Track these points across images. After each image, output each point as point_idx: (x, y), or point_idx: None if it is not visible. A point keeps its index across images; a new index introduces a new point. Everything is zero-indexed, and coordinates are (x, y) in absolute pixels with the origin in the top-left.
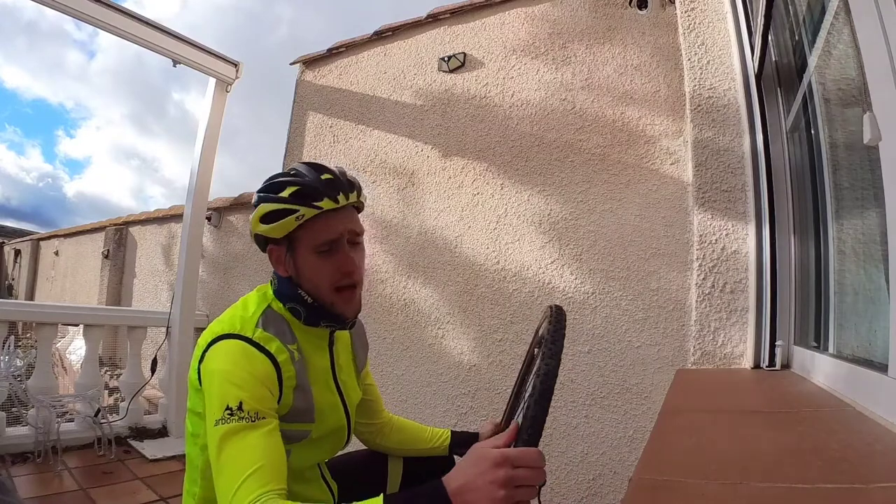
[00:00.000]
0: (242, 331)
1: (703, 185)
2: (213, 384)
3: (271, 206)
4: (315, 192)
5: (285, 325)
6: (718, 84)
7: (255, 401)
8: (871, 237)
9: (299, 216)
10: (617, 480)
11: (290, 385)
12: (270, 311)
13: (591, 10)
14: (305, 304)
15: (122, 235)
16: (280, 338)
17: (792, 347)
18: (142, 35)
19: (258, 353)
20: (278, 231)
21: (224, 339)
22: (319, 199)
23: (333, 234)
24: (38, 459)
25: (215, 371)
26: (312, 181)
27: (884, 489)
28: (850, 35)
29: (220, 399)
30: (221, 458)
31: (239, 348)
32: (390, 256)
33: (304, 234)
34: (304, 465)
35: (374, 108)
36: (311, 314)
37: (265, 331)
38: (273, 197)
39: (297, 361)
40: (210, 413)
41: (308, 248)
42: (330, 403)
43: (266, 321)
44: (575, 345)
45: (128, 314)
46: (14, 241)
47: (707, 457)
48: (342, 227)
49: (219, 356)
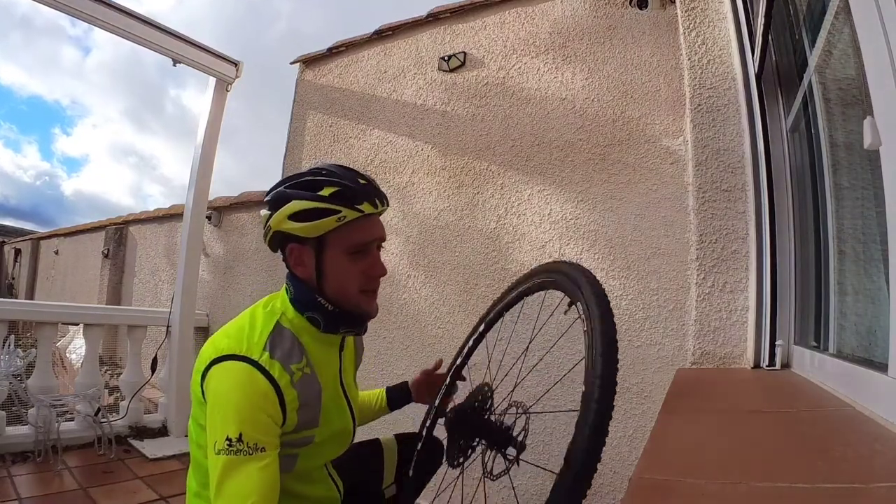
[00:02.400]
0: (249, 352)
1: (703, 184)
2: (217, 408)
3: (308, 205)
4: (356, 194)
5: (294, 341)
6: (719, 83)
7: (256, 432)
8: (871, 237)
9: (341, 217)
10: (617, 480)
11: (294, 407)
12: (279, 329)
13: (591, 10)
14: (325, 311)
15: (122, 235)
16: (285, 361)
17: (792, 347)
18: (142, 34)
19: (262, 380)
20: (313, 230)
21: (229, 359)
22: (360, 203)
23: (369, 237)
24: (39, 459)
25: (220, 394)
26: (353, 184)
27: (884, 489)
28: (850, 35)
29: (222, 426)
30: (219, 486)
31: (245, 373)
32: (390, 256)
33: (338, 235)
34: (311, 466)
35: (374, 107)
36: (330, 322)
37: (272, 355)
38: (310, 195)
39: (301, 380)
40: (212, 434)
41: (340, 250)
42: (337, 406)
43: (273, 342)
44: (575, 344)
45: (128, 313)
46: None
47: (707, 457)
48: (378, 232)
49: (224, 379)
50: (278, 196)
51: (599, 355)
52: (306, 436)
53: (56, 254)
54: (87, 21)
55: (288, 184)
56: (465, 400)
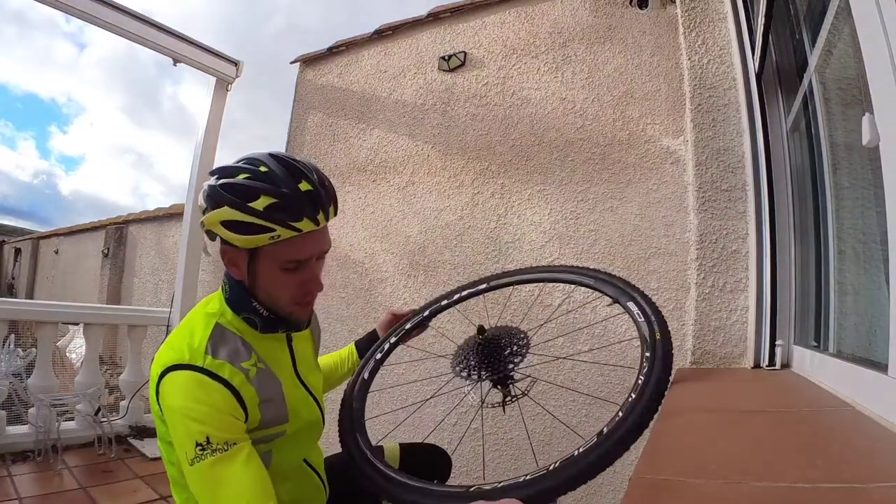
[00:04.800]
0: (192, 359)
1: (703, 184)
2: (176, 422)
3: (240, 217)
4: (295, 209)
5: (238, 340)
6: (719, 83)
7: (222, 431)
8: (871, 237)
9: (274, 236)
10: (617, 479)
11: (254, 403)
12: (219, 330)
13: (591, 9)
14: (259, 315)
15: (122, 234)
16: (233, 359)
17: (792, 347)
18: (142, 33)
19: (212, 383)
20: (244, 243)
21: (174, 370)
22: (299, 220)
23: (304, 255)
24: (39, 458)
25: (175, 408)
26: (292, 194)
27: (884, 489)
28: (850, 35)
29: (187, 437)
30: (212, 497)
31: (192, 381)
32: (390, 256)
33: (272, 249)
34: (289, 464)
35: (374, 107)
36: (267, 325)
37: (215, 357)
38: (242, 205)
39: (257, 377)
40: (180, 449)
41: (273, 263)
42: (300, 398)
43: (215, 344)
44: (575, 344)
45: (128, 313)
46: (14, 240)
47: (707, 456)
48: (317, 248)
49: (174, 392)
50: (211, 194)
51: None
52: (277, 431)
53: (56, 253)
54: (89, 21)
55: (223, 182)
56: (499, 329)
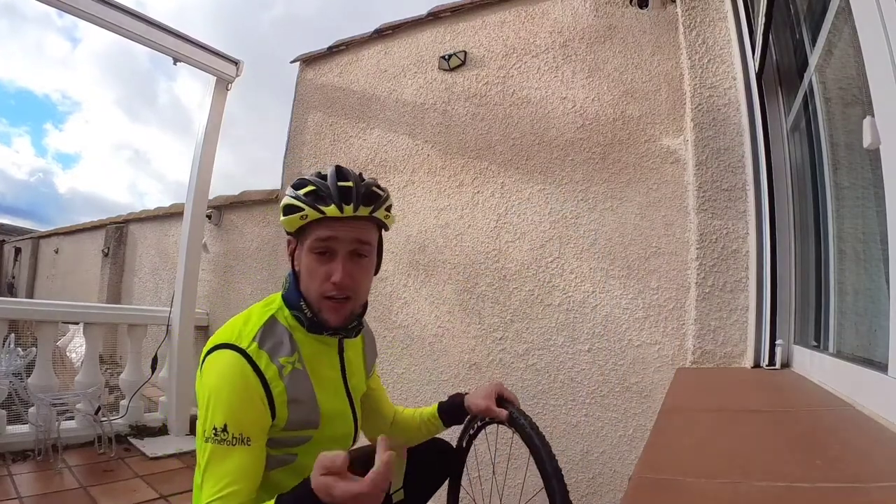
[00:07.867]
0: (238, 341)
1: (703, 184)
2: (205, 398)
3: (288, 201)
4: (324, 196)
5: (286, 335)
6: (719, 83)
7: (240, 423)
8: (871, 237)
9: (303, 215)
10: (617, 479)
11: (282, 400)
12: (272, 322)
13: (591, 9)
14: (304, 313)
15: (123, 234)
16: (273, 352)
17: (792, 347)
18: (142, 33)
19: (248, 368)
20: (288, 225)
21: (220, 348)
22: (326, 204)
23: (326, 235)
24: (39, 457)
25: (208, 386)
26: (328, 185)
27: (884, 489)
28: (851, 34)
29: (210, 415)
30: (206, 470)
31: (232, 362)
32: (390, 255)
33: (307, 233)
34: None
35: (374, 106)
36: (312, 324)
37: (260, 345)
38: (293, 193)
39: (290, 374)
40: (202, 421)
41: (307, 247)
42: (338, 411)
43: (264, 334)
44: (575, 343)
45: (128, 312)
46: (14, 239)
47: (707, 456)
48: (342, 234)
49: (212, 367)
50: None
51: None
52: (304, 435)
53: (56, 252)
54: (89, 20)
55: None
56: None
